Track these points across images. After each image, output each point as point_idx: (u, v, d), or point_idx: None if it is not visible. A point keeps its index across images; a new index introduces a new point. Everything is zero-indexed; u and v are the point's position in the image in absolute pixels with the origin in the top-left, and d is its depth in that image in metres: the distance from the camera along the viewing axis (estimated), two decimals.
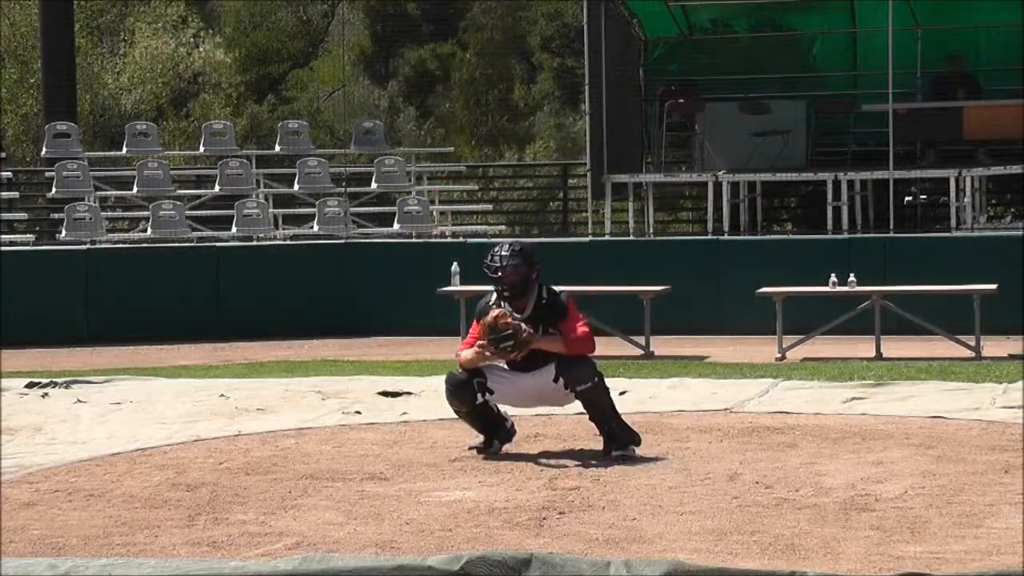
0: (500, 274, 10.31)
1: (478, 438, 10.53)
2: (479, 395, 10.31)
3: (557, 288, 10.58)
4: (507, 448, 10.45)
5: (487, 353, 10.24)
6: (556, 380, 10.27)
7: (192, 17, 40.04)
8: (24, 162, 33.49)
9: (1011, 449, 10.17)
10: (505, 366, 10.42)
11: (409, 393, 13.52)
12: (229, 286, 19.96)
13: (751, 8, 24.60)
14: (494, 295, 10.46)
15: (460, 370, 10.44)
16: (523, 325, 10.19)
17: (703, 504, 8.53)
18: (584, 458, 10.11)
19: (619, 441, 10.18)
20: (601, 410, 10.31)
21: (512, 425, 10.57)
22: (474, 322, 10.54)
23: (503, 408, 10.55)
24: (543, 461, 10.04)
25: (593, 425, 10.44)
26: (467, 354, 10.40)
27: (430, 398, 13.21)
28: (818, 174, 22.77)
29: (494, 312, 10.22)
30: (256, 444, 10.97)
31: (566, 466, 9.85)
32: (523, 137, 39.97)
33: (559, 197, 28.88)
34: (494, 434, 10.47)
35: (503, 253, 10.35)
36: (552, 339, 10.26)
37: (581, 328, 10.32)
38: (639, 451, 10.19)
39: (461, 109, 38.99)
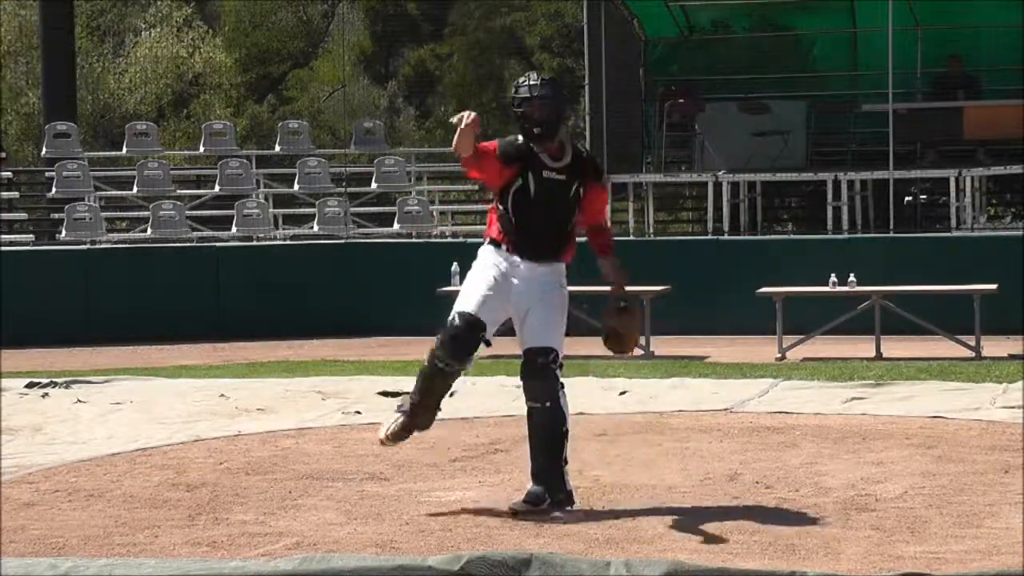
0: (525, 109, 8.45)
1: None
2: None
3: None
4: (508, 447, 10.44)
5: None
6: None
7: (195, 19, 40.07)
8: (25, 162, 33.50)
9: (1011, 449, 10.16)
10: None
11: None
12: (229, 286, 19.96)
13: (751, 8, 24.59)
14: (519, 138, 8.56)
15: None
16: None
17: (703, 504, 8.53)
18: (584, 458, 10.10)
19: (537, 491, 8.36)
20: (541, 439, 8.49)
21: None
22: (492, 146, 8.61)
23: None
24: None
25: (594, 424, 10.44)
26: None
27: None
28: (818, 174, 22.76)
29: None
30: (256, 444, 10.96)
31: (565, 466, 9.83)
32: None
33: None
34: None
35: (531, 82, 8.47)
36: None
37: (606, 214, 8.73)
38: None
39: (455, 111, 39.01)
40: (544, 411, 8.42)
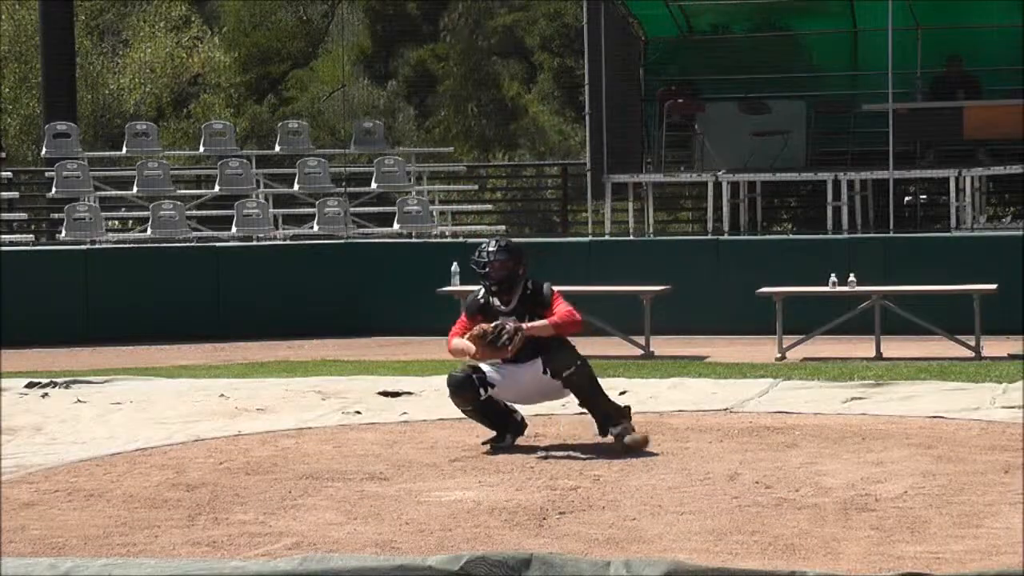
0: (487, 269, 10.60)
1: (489, 433, 10.69)
2: (481, 390, 10.50)
3: (544, 283, 10.80)
4: (508, 447, 10.47)
5: (487, 357, 10.45)
6: (545, 372, 10.45)
7: (194, 17, 40.06)
8: (26, 162, 33.50)
9: (1011, 449, 10.17)
10: (499, 362, 10.60)
11: (409, 393, 13.52)
12: (229, 286, 19.96)
13: (751, 9, 24.57)
14: (482, 291, 10.74)
15: (459, 369, 10.65)
16: (508, 324, 10.38)
17: (703, 504, 8.53)
18: (584, 458, 10.11)
19: (612, 419, 10.39)
20: (588, 392, 10.49)
21: (522, 418, 10.75)
22: (462, 314, 10.79)
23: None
24: (543, 461, 10.04)
25: (593, 423, 10.51)
26: (458, 342, 10.59)
27: (430, 398, 13.22)
28: (818, 174, 22.76)
29: (475, 330, 10.43)
30: (256, 444, 10.97)
31: (566, 466, 9.85)
32: (519, 138, 39.97)
33: (559, 197, 28.89)
34: (504, 428, 10.63)
35: (490, 249, 10.65)
36: (540, 324, 10.45)
37: (565, 309, 10.51)
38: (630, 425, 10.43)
39: (452, 114, 39.04)
40: (579, 369, 10.35)
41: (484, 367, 10.57)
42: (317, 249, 20.93)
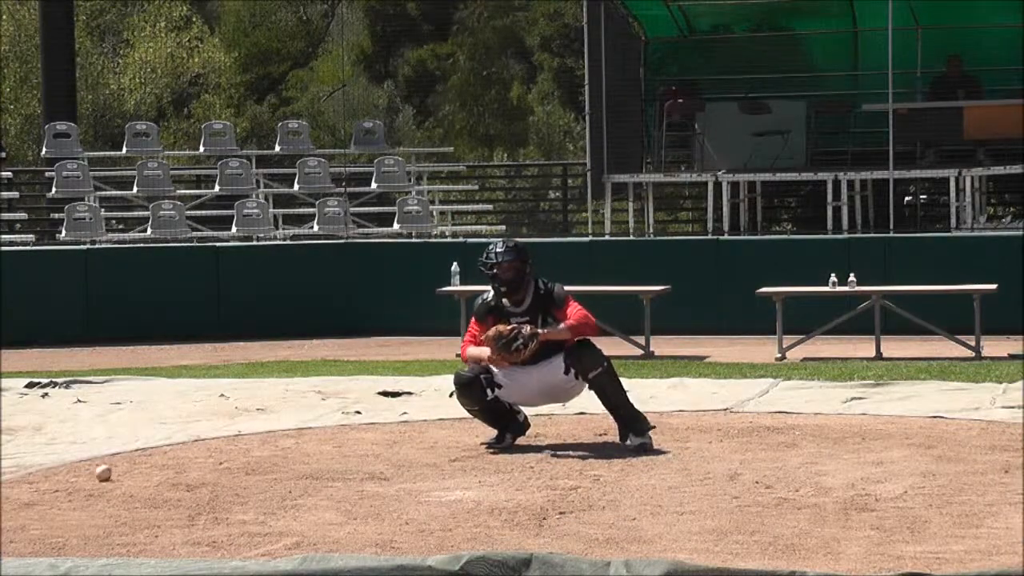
0: (496, 271, 10.65)
1: (490, 434, 10.72)
2: (488, 391, 10.53)
3: (556, 284, 10.83)
4: (508, 447, 10.48)
5: (499, 362, 10.46)
6: (567, 372, 10.49)
7: (195, 17, 40.08)
8: (26, 162, 33.50)
9: (1011, 449, 10.17)
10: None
11: (409, 393, 13.52)
12: (229, 286, 19.95)
13: (751, 9, 24.58)
14: (491, 292, 10.78)
15: (467, 368, 10.67)
16: (524, 328, 10.40)
17: (703, 504, 8.53)
18: (584, 458, 10.11)
19: (634, 428, 10.38)
20: (613, 396, 10.53)
21: (525, 418, 10.79)
22: (472, 320, 10.88)
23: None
24: (543, 461, 10.04)
25: (595, 424, 10.52)
26: (473, 351, 10.64)
27: (430, 398, 13.23)
28: (818, 174, 22.77)
29: (490, 331, 10.44)
30: (256, 444, 10.97)
31: (566, 466, 9.85)
32: (521, 138, 39.96)
33: (559, 197, 28.88)
34: (506, 428, 10.68)
35: (498, 250, 10.71)
36: (556, 329, 10.48)
37: (579, 311, 10.57)
38: (652, 437, 10.46)
39: (457, 112, 39.02)
40: (606, 371, 10.43)
41: (493, 368, 10.59)
42: (317, 249, 20.93)
